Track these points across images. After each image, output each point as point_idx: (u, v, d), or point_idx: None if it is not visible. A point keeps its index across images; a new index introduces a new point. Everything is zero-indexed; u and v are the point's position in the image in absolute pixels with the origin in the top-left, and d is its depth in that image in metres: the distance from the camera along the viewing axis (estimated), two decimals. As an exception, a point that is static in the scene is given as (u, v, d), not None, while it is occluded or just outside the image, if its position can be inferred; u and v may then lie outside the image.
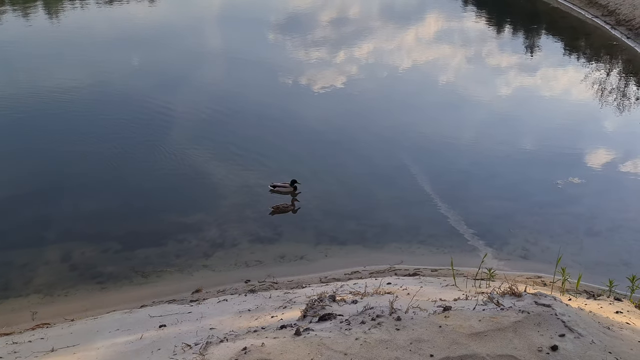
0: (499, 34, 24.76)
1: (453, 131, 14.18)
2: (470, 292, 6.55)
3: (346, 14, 28.41)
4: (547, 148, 13.42)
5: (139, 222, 10.53)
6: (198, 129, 14.13)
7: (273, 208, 10.75)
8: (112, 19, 26.29)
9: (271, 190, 11.23)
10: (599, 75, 18.69)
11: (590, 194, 11.51)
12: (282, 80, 17.75)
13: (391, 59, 20.21)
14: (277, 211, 10.74)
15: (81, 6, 28.75)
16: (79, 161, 12.67)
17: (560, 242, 9.81)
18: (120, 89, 16.68)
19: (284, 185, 11.27)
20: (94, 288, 8.86)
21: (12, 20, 25.85)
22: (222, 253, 9.66)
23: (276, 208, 10.76)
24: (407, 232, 10.28)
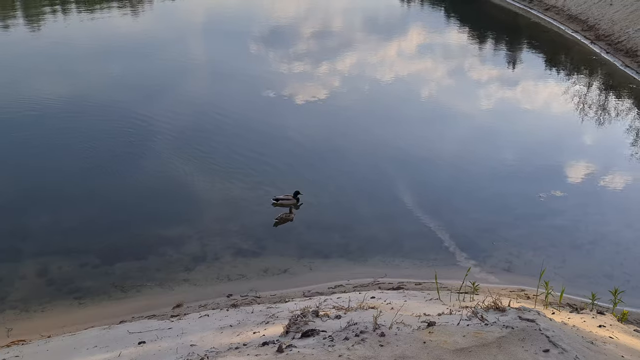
0: (480, 47, 25.05)
1: (436, 145, 14.26)
2: (455, 307, 6.53)
3: (328, 27, 28.57)
4: (528, 161, 13.53)
5: (118, 235, 10.36)
6: (180, 140, 14.02)
7: (277, 219, 10.69)
8: (94, 30, 26.12)
9: (274, 204, 11.14)
10: (579, 89, 18.98)
11: (572, 207, 11.61)
12: (265, 93, 17.72)
13: (374, 73, 20.31)
14: (281, 222, 10.70)
15: (63, 17, 28.56)
16: (57, 173, 12.50)
17: (543, 255, 9.86)
18: (100, 101, 16.52)
19: (287, 198, 11.26)
20: (72, 303, 8.68)
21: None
22: (204, 267, 9.54)
23: (280, 219, 10.71)
24: (391, 245, 10.26)
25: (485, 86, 19.31)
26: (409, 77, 20.13)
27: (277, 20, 29.32)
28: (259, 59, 21.94)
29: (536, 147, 14.36)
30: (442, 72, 20.80)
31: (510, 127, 15.81)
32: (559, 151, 14.25)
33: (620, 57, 21.00)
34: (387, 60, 22.30)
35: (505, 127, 15.81)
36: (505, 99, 18.02)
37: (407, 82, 19.52)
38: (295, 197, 11.28)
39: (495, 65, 21.84)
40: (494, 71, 21.00)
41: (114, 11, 30.33)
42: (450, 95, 18.16)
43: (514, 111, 17.03)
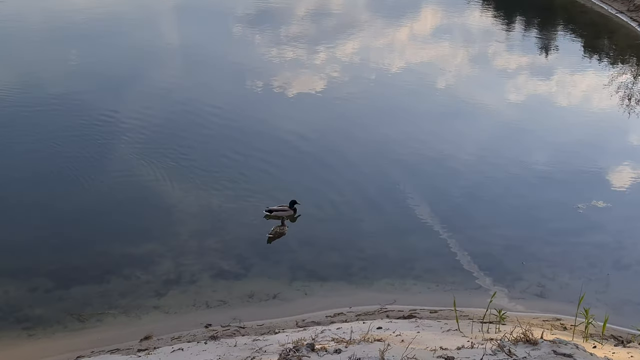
0: (507, 31, 25.16)
1: (454, 145, 14.29)
2: (477, 339, 6.53)
3: (327, 5, 28.65)
4: (564, 166, 13.57)
5: (75, 254, 10.34)
6: (152, 140, 14.02)
7: (271, 235, 10.72)
8: (47, 8, 26.12)
9: (267, 216, 11.16)
10: (625, 80, 19.05)
11: (617, 220, 11.64)
12: (250, 84, 17.77)
13: (380, 60, 20.39)
14: (275, 237, 10.75)
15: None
16: (1, 178, 12.46)
17: (582, 277, 9.88)
18: (55, 92, 16.48)
19: (282, 209, 11.28)
20: (20, 335, 8.63)
21: None
22: (178, 291, 9.52)
23: (275, 234, 10.75)
24: (401, 265, 10.27)
25: (513, 77, 19.40)
26: (422, 65, 20.19)
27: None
28: (245, 43, 22.01)
29: (574, 149, 14.42)
30: (462, 60, 20.89)
31: (543, 124, 15.85)
32: (600, 153, 14.31)
33: (672, 42, 21.14)
34: (396, 45, 22.43)
35: (536, 125, 15.85)
36: (536, 92, 18.08)
37: (419, 72, 19.58)
38: (291, 207, 11.30)
39: (525, 52, 21.92)
40: (523, 59, 21.08)
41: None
42: (472, 88, 18.22)
43: (547, 106, 17.09)
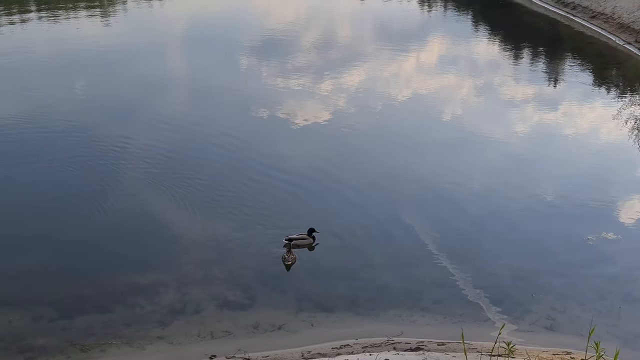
0: (514, 61, 25.36)
1: (461, 176, 14.30)
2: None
3: (335, 36, 28.97)
4: (573, 197, 13.55)
5: (80, 283, 10.36)
6: (157, 169, 14.11)
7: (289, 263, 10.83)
8: (57, 38, 26.53)
9: (286, 245, 11.12)
10: (634, 111, 19.10)
11: (628, 253, 11.60)
12: (257, 114, 17.90)
13: (387, 90, 20.54)
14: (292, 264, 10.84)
15: (20, 22, 29.04)
16: (6, 207, 12.54)
17: (592, 310, 9.82)
18: (61, 122, 16.68)
19: (302, 237, 11.34)
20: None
21: None
22: (183, 322, 9.50)
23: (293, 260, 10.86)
24: (408, 297, 10.23)
25: (521, 107, 19.46)
26: (428, 95, 20.34)
27: (274, 27, 29.74)
28: (253, 73, 22.23)
29: (582, 180, 14.43)
30: (469, 90, 21.00)
31: (551, 155, 15.87)
32: (610, 185, 14.29)
33: (681, 73, 21.23)
34: (403, 75, 22.60)
35: (545, 156, 15.87)
36: (544, 123, 18.14)
37: (426, 102, 19.71)
38: (310, 235, 11.37)
39: (532, 82, 22.03)
40: (530, 89, 21.18)
41: (82, 15, 30.85)
42: (479, 118, 18.30)
43: (555, 137, 17.12)
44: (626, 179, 14.84)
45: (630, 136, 17.14)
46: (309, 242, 11.38)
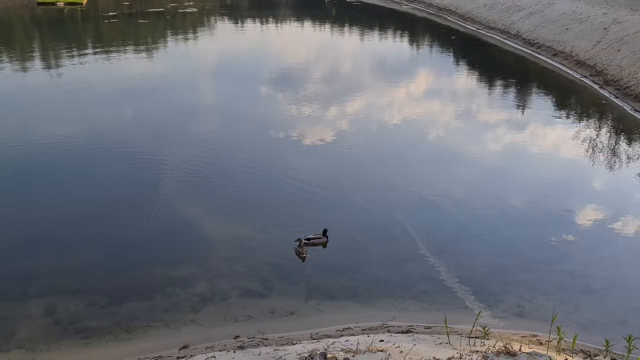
0: (489, 91, 25.39)
1: (443, 187, 14.30)
2: (465, 351, 6.47)
3: (337, 72, 29.10)
4: (539, 205, 13.53)
5: (126, 275, 10.39)
6: (189, 181, 14.17)
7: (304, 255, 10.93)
8: (108, 72, 26.75)
9: (305, 244, 11.16)
10: (589, 133, 19.09)
11: (584, 252, 11.56)
12: (273, 135, 17.98)
13: (382, 116, 20.56)
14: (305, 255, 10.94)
15: (80, 61, 29.31)
16: (65, 212, 12.63)
17: (555, 300, 9.78)
18: (110, 142, 16.80)
19: (318, 236, 11.37)
20: (78, 343, 8.66)
21: (9, 73, 26.28)
22: (211, 308, 9.52)
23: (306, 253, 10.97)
24: (400, 287, 10.22)
25: (494, 130, 19.47)
26: (417, 120, 20.35)
27: (286, 64, 29.94)
28: (268, 101, 22.32)
29: (546, 191, 14.38)
30: (451, 116, 21.02)
31: (520, 170, 15.87)
32: (569, 195, 14.26)
33: (629, 101, 21.21)
34: (395, 103, 22.61)
35: (514, 171, 15.87)
36: (514, 143, 18.12)
37: (415, 125, 19.74)
38: (324, 235, 11.41)
39: (504, 109, 22.04)
40: (502, 115, 21.20)
41: (129, 53, 31.13)
42: (459, 139, 18.29)
43: (523, 154, 17.11)
44: (582, 189, 14.81)
45: (586, 154, 17.13)
46: (324, 240, 11.39)
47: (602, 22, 29.00)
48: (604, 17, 29.71)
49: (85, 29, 42.47)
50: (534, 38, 32.71)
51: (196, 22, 46.57)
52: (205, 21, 47.74)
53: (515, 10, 38.72)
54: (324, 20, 50.28)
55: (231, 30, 43.77)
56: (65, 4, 53.41)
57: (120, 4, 56.61)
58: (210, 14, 53.18)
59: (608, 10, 31.07)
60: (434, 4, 53.05)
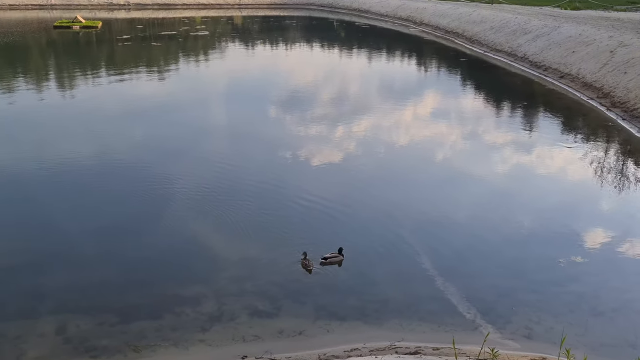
0: (496, 113, 25.41)
1: (451, 207, 14.26)
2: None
3: (344, 93, 29.26)
4: (547, 226, 13.44)
5: (136, 294, 10.40)
6: (198, 200, 14.22)
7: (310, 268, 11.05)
8: (122, 94, 27.09)
9: (322, 263, 11.21)
10: (597, 155, 18.99)
11: (593, 274, 11.43)
12: (283, 155, 18.06)
13: (390, 136, 20.62)
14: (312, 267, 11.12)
15: (94, 82, 29.72)
16: (76, 229, 12.68)
17: (564, 321, 9.65)
18: (122, 161, 16.97)
19: (334, 256, 11.38)
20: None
21: (26, 93, 26.65)
22: (220, 327, 9.47)
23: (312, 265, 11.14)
24: (408, 308, 10.13)
25: (501, 151, 19.43)
26: (424, 141, 20.36)
27: (296, 86, 30.17)
28: (278, 121, 22.47)
29: (554, 213, 14.29)
30: (458, 136, 21.01)
31: (527, 191, 15.77)
32: (577, 217, 14.16)
33: (636, 123, 21.14)
34: (403, 124, 22.67)
35: (521, 192, 15.77)
36: (521, 163, 18.06)
37: (422, 146, 19.74)
38: (340, 253, 11.40)
39: (511, 130, 22.03)
40: (509, 136, 21.17)
41: (142, 75, 31.51)
42: (466, 160, 18.28)
43: (530, 176, 17.04)
44: (590, 211, 14.69)
45: (594, 176, 17.02)
46: (341, 259, 11.37)
47: (608, 45, 29.05)
48: (610, 40, 29.77)
49: (100, 51, 43.09)
50: (541, 60, 32.80)
51: (208, 44, 47.14)
52: (216, 44, 48.32)
53: (521, 33, 38.92)
54: (333, 43, 50.73)
55: (242, 52, 44.26)
56: (80, 27, 54.34)
57: (134, 28, 57.49)
58: (221, 37, 53.85)
59: (614, 34, 31.14)
60: (441, 27, 53.48)
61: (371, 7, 75.89)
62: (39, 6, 78.61)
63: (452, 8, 57.32)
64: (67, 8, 77.15)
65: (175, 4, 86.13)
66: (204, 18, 71.63)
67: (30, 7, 77.94)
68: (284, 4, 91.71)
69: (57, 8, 77.92)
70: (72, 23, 54.45)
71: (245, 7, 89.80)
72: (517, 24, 41.14)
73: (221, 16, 76.66)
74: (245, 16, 78.70)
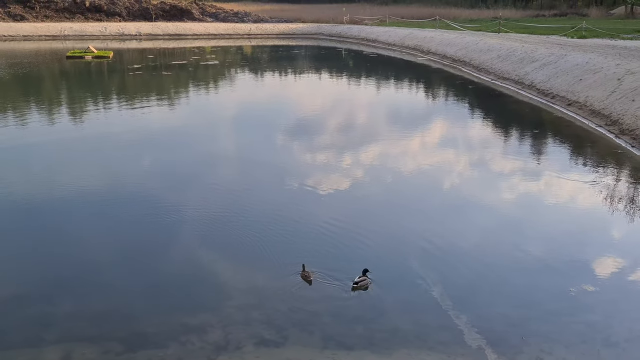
0: (504, 141, 25.39)
1: (459, 236, 14.15)
2: (483, 405, 6.25)
3: (356, 118, 29.42)
4: (557, 255, 13.28)
5: (142, 323, 10.33)
6: (206, 228, 14.23)
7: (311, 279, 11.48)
8: (131, 122, 27.40)
9: (354, 288, 11.29)
10: (606, 183, 18.86)
11: (605, 303, 11.25)
12: (289, 182, 18.09)
13: (397, 164, 20.60)
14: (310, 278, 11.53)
15: (104, 111, 30.11)
16: (82, 257, 12.70)
17: (576, 352, 9.49)
18: (129, 188, 17.07)
19: (362, 279, 11.45)
20: (92, 392, 8.55)
21: (37, 122, 27.03)
22: (226, 357, 9.37)
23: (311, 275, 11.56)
24: (417, 338, 9.99)
25: (509, 179, 19.35)
26: (432, 169, 20.32)
27: (304, 114, 30.39)
28: (286, 150, 22.56)
29: (563, 241, 14.15)
30: (465, 165, 20.97)
31: (536, 220, 15.64)
32: (587, 245, 14.00)
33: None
34: (410, 152, 22.67)
35: (530, 221, 15.64)
36: (529, 192, 17.96)
37: (430, 174, 19.70)
38: (365, 274, 11.48)
39: (519, 158, 21.96)
40: (517, 164, 21.09)
41: (153, 104, 31.90)
42: (474, 188, 18.20)
43: (539, 204, 16.91)
44: (600, 240, 14.51)
45: (603, 204, 16.87)
46: (369, 281, 11.42)
47: (615, 72, 29.12)
48: (617, 67, 29.86)
49: (111, 80, 43.74)
50: (548, 88, 32.90)
51: (217, 73, 47.75)
52: (226, 73, 48.93)
53: (528, 61, 39.14)
54: (341, 71, 51.23)
55: (251, 81, 44.77)
56: (92, 57, 55.29)
57: (145, 57, 58.45)
58: (231, 66, 54.56)
59: (621, 62, 31.25)
60: (448, 55, 53.95)
61: (379, 36, 76.80)
62: (52, 37, 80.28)
63: (458, 37, 57.88)
64: (79, 38, 78.71)
65: (185, 34, 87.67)
66: (213, 48, 72.74)
67: (44, 37, 79.60)
68: (292, 34, 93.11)
69: (69, 39, 79.53)
70: (85, 53, 55.43)
71: (255, 37, 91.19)
72: (524, 52, 41.40)
73: (230, 46, 77.81)
74: (255, 46, 79.83)
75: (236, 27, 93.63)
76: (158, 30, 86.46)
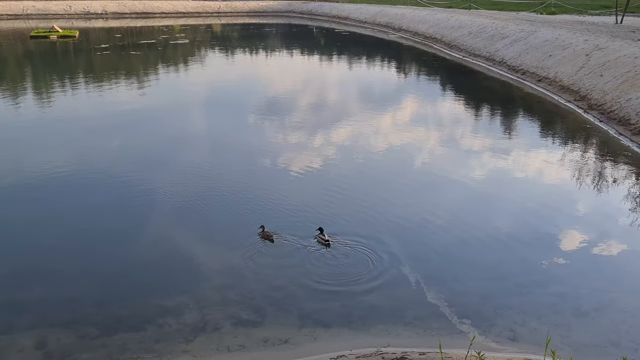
0: (475, 117, 25.62)
1: (431, 213, 14.27)
2: (460, 377, 6.37)
3: (328, 97, 29.31)
4: (527, 229, 13.54)
5: (117, 306, 10.22)
6: (180, 210, 14.09)
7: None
8: (99, 103, 26.80)
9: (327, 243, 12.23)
10: (574, 157, 19.24)
11: (575, 275, 11.52)
12: (262, 163, 17.99)
13: (368, 142, 20.64)
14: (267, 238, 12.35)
15: (71, 92, 29.38)
16: (55, 242, 12.49)
17: (548, 323, 9.71)
18: (100, 172, 16.72)
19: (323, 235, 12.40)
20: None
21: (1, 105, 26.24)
22: (204, 338, 9.35)
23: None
24: (393, 314, 10.10)
25: (480, 155, 19.56)
26: (403, 146, 20.42)
27: (275, 93, 30.15)
28: (257, 129, 22.39)
29: (534, 215, 14.40)
30: (436, 142, 21.12)
31: (506, 195, 15.89)
32: (557, 219, 14.27)
33: (613, 125, 21.48)
34: (382, 130, 22.72)
35: (501, 195, 15.89)
36: (500, 168, 18.20)
37: (401, 152, 19.80)
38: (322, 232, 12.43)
39: (490, 134, 22.22)
40: (488, 140, 21.33)
41: (121, 86, 31.25)
42: (445, 165, 18.36)
43: (509, 179, 17.18)
44: (569, 213, 14.82)
45: (572, 178, 17.21)
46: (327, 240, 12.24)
47: (584, 48, 29.53)
48: (585, 43, 30.26)
49: (77, 61, 42.66)
50: (519, 64, 33.23)
51: (187, 53, 46.94)
52: (196, 52, 48.13)
53: (499, 38, 39.41)
54: (312, 50, 50.87)
55: (222, 60, 44.15)
56: (57, 37, 53.76)
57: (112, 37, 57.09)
58: (201, 45, 53.68)
59: (589, 37, 31.68)
60: (419, 32, 53.97)
61: (350, 13, 76.36)
62: (14, 16, 77.69)
63: (430, 14, 57.89)
64: (43, 18, 76.38)
65: (153, 12, 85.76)
66: (182, 26, 71.36)
67: (5, 17, 76.99)
68: (263, 12, 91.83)
69: (33, 18, 77.10)
70: (49, 33, 53.86)
71: (224, 14, 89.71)
72: (495, 28, 41.66)
73: (200, 24, 76.47)
74: (225, 24, 78.60)
75: (205, 4, 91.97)
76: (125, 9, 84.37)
